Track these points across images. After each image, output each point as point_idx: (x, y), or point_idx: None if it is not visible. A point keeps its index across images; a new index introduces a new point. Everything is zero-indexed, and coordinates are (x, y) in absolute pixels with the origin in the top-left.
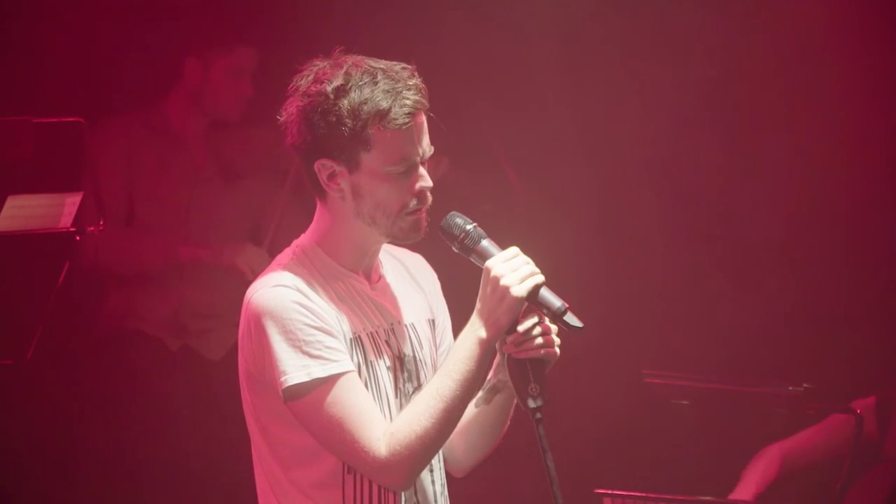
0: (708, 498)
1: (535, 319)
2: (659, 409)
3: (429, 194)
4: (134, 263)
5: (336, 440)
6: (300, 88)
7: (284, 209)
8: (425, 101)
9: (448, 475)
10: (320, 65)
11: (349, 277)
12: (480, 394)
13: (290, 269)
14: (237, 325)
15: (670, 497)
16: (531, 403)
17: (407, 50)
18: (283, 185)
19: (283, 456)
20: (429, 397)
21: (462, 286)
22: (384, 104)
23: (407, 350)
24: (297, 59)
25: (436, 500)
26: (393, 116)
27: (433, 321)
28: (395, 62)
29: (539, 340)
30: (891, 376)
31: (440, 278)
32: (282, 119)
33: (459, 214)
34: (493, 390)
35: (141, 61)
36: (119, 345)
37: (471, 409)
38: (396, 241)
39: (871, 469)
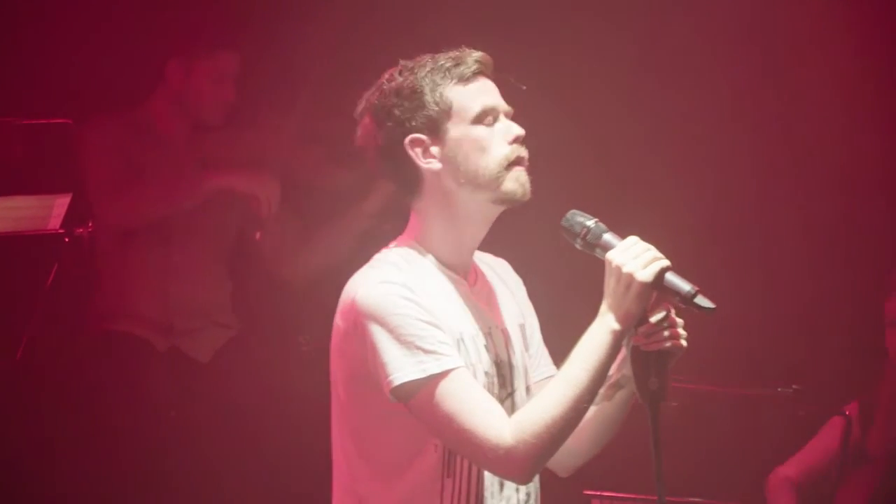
0: (697, 499)
1: (666, 311)
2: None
3: (523, 148)
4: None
5: (457, 433)
6: (367, 96)
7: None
8: (489, 61)
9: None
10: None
11: (449, 277)
12: (602, 390)
13: (393, 265)
14: (224, 326)
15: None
16: (649, 397)
17: (392, 54)
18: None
19: (382, 462)
20: (558, 386)
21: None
22: (450, 64)
23: (503, 355)
24: (280, 62)
25: None
26: (462, 70)
27: (523, 325)
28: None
29: (667, 333)
30: (873, 379)
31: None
32: (358, 141)
33: (580, 212)
34: (616, 386)
35: (126, 63)
36: (107, 346)
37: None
38: (505, 202)
39: (857, 470)
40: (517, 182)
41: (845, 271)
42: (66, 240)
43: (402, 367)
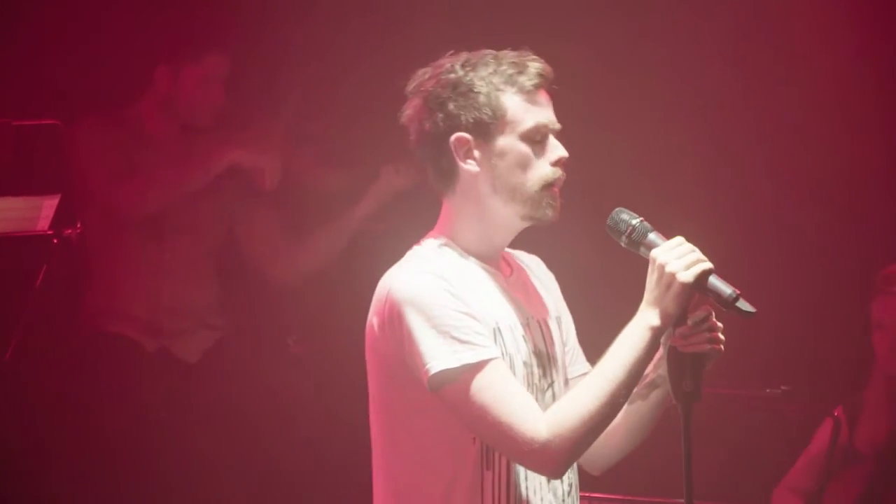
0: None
1: (706, 314)
2: None
3: (564, 169)
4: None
5: (490, 426)
6: (422, 80)
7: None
8: (550, 73)
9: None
10: (434, 63)
11: (484, 270)
12: (637, 389)
13: (426, 259)
14: (212, 328)
15: (647, 500)
16: (683, 398)
17: (380, 57)
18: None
19: (421, 454)
20: (595, 381)
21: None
22: (512, 70)
23: (541, 346)
24: (268, 64)
25: (563, 501)
26: (523, 81)
27: (559, 319)
28: (510, 49)
29: (707, 335)
30: (859, 378)
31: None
32: (404, 117)
33: (625, 210)
34: (651, 385)
35: (115, 65)
36: (97, 347)
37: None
38: (532, 221)
39: (846, 470)
40: (550, 206)
41: (834, 272)
42: (55, 241)
43: (437, 356)
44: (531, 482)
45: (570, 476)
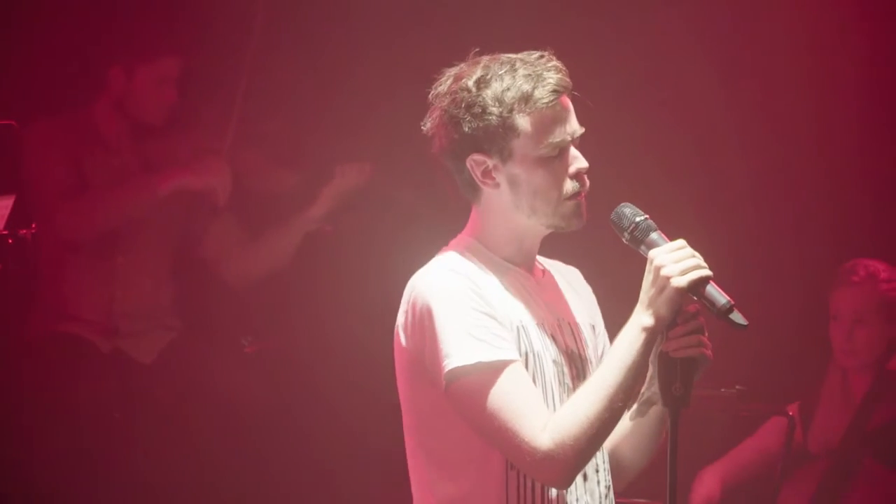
0: (641, 500)
1: (696, 311)
2: None
3: (586, 177)
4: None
5: (495, 430)
6: (441, 92)
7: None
8: (568, 81)
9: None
10: (457, 67)
11: (513, 271)
12: (635, 406)
13: (455, 258)
14: (167, 328)
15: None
16: (672, 402)
17: (334, 56)
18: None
19: (448, 454)
20: (592, 387)
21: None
22: (527, 87)
23: (574, 347)
24: (223, 64)
25: (601, 502)
26: (538, 97)
27: (594, 327)
28: (531, 51)
29: (699, 339)
30: (814, 379)
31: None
32: (427, 128)
33: (630, 206)
34: (649, 402)
35: (68, 67)
36: (51, 347)
37: (624, 423)
38: (559, 230)
39: (799, 469)
40: (574, 217)
41: (789, 273)
42: (10, 241)
43: (454, 353)
44: (575, 483)
45: (607, 478)
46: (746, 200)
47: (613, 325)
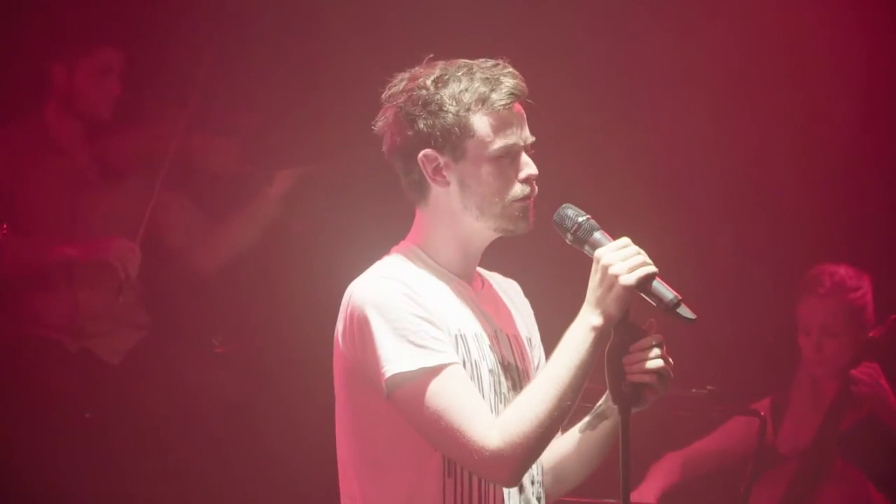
0: (610, 501)
1: (658, 341)
2: None
3: (535, 184)
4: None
5: (442, 431)
6: (396, 91)
7: (157, 203)
8: (524, 87)
9: None
10: (411, 70)
11: (453, 280)
12: (587, 419)
13: (393, 265)
14: (134, 327)
15: (573, 500)
16: (621, 400)
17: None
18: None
19: (382, 462)
20: (540, 385)
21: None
22: (484, 89)
23: (510, 359)
24: (168, 56)
25: None
26: (494, 99)
27: (530, 340)
28: (486, 59)
29: (660, 365)
30: (784, 378)
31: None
32: (378, 127)
33: (572, 206)
34: (601, 416)
35: (15, 69)
36: (18, 348)
37: (573, 435)
38: (506, 233)
39: (769, 470)
40: (520, 219)
41: (759, 271)
42: None
43: (393, 359)
44: (498, 491)
45: (539, 490)
46: (716, 201)
47: (561, 328)
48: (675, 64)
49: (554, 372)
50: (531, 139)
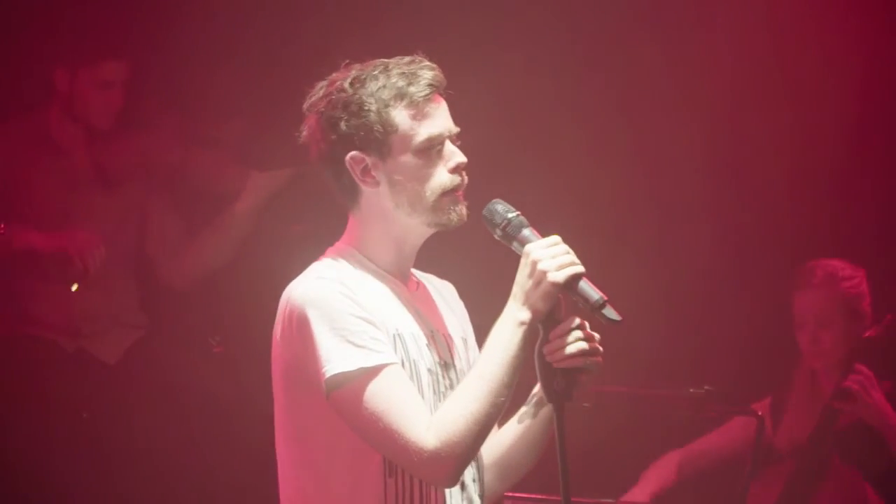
0: (608, 501)
1: (576, 323)
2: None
3: (465, 173)
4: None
5: (380, 432)
6: (316, 99)
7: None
8: (442, 78)
9: None
10: (329, 77)
11: (388, 279)
12: (525, 408)
13: (329, 265)
14: (131, 326)
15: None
16: (555, 398)
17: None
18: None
19: (320, 464)
20: (472, 383)
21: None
22: (402, 83)
23: (447, 358)
24: (172, 67)
25: None
26: (413, 92)
27: (466, 340)
28: (402, 56)
29: (583, 346)
30: (782, 378)
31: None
32: (302, 136)
33: (501, 202)
34: (540, 403)
35: (20, 69)
36: (14, 349)
37: (513, 425)
38: (440, 227)
39: (767, 469)
40: (453, 211)
41: (756, 270)
42: None
43: (333, 359)
44: (440, 491)
45: (480, 487)
46: (710, 200)
47: (491, 322)
48: (665, 66)
49: (484, 369)
50: (456, 129)
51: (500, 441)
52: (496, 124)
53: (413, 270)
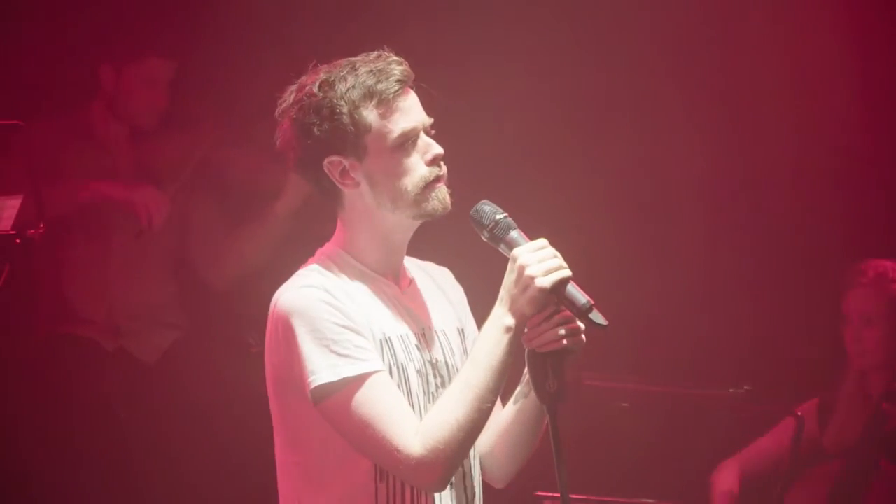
0: (648, 501)
1: (552, 310)
2: (598, 412)
3: (443, 163)
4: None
5: (368, 440)
6: (287, 105)
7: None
8: (410, 72)
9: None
10: (298, 81)
11: (378, 280)
12: (519, 388)
13: (316, 271)
14: (170, 326)
15: (610, 500)
16: (548, 399)
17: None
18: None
19: (313, 468)
20: (458, 389)
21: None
22: (370, 81)
23: (438, 355)
24: (215, 67)
25: None
26: (382, 90)
27: (463, 330)
28: (369, 52)
29: (561, 331)
30: (832, 377)
31: (470, 280)
32: (278, 142)
33: (489, 203)
34: (530, 384)
35: (66, 67)
36: (56, 348)
37: (510, 407)
38: (425, 218)
39: (812, 469)
40: (436, 200)
41: (799, 270)
42: (17, 241)
43: (317, 370)
44: (431, 494)
45: (473, 484)
46: (756, 196)
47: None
48: (665, 65)
49: (470, 374)
50: (430, 120)
51: (500, 421)
52: (490, 124)
53: (409, 261)
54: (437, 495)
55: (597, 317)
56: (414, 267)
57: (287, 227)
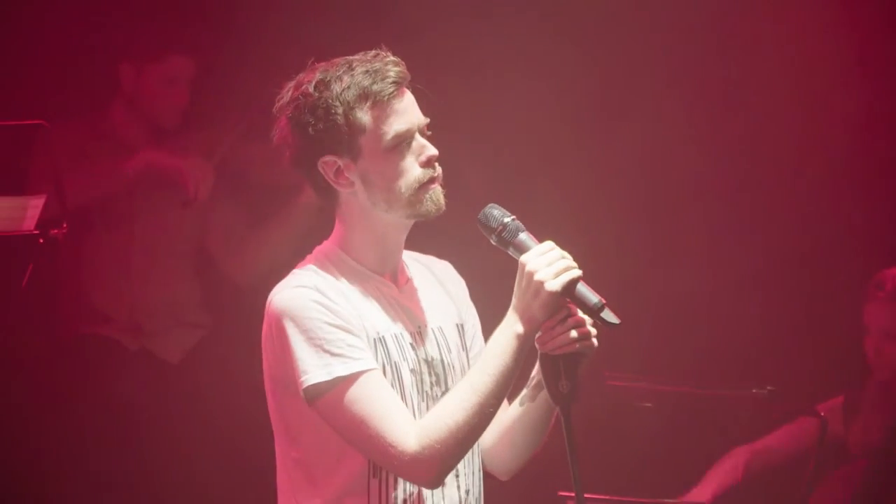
0: (670, 501)
1: (565, 313)
2: (621, 411)
3: (437, 164)
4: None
5: (363, 437)
6: (284, 103)
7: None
8: (406, 73)
9: (485, 483)
10: (296, 78)
11: (374, 280)
12: (525, 391)
13: (312, 271)
14: (193, 325)
15: (633, 500)
16: (561, 400)
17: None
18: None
19: (309, 463)
20: (462, 392)
21: (495, 287)
22: (366, 82)
23: (434, 353)
24: (236, 65)
25: None
26: (377, 90)
27: (462, 326)
28: (366, 51)
29: (573, 334)
30: (856, 377)
31: (473, 282)
32: (275, 139)
33: (497, 206)
34: (539, 387)
35: (87, 66)
36: (78, 347)
37: (515, 408)
38: (419, 218)
39: (836, 470)
40: (430, 201)
41: (823, 272)
42: (41, 241)
43: (310, 370)
44: (424, 491)
45: (467, 481)
46: (777, 200)
47: (489, 327)
48: (665, 65)
49: (477, 379)
50: (425, 121)
51: (504, 420)
52: (493, 128)
53: (408, 256)
54: (428, 491)
55: (609, 315)
56: (413, 262)
57: (310, 221)
